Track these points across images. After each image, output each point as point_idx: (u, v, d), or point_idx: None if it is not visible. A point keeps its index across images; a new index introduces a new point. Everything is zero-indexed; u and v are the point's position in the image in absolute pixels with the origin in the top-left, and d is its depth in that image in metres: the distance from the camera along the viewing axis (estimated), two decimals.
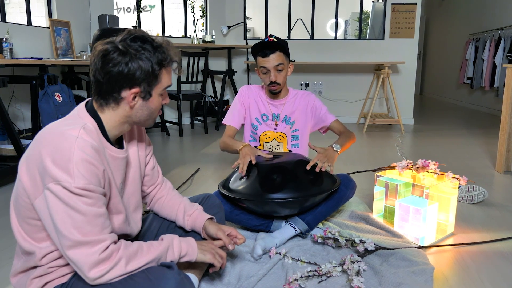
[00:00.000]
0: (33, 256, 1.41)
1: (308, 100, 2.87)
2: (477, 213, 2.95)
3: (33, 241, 1.40)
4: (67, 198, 1.26)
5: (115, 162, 1.50)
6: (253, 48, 2.67)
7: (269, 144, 2.88)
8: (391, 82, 6.35)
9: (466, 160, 4.53)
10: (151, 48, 1.42)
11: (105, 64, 1.38)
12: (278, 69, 2.66)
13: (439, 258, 2.29)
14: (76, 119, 1.43)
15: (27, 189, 1.33)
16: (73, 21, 5.56)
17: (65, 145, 1.28)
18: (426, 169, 2.60)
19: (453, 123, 7.32)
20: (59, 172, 1.26)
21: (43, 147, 1.30)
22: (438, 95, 12.14)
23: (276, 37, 2.66)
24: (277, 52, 2.63)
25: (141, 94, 1.45)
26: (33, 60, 3.80)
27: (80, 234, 1.27)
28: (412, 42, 6.96)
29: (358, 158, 4.58)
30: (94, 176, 1.31)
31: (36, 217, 1.36)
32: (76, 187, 1.26)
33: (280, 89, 2.75)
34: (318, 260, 2.22)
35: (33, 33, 4.90)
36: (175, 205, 1.87)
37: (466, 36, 10.02)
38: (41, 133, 1.37)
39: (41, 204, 1.31)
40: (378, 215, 2.74)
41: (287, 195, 2.23)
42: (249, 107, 2.90)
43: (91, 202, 1.30)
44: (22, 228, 1.41)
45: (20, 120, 4.68)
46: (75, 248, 1.28)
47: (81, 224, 1.27)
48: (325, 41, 7.26)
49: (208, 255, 1.61)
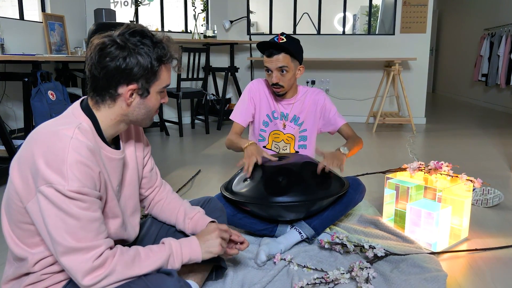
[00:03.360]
0: (25, 262, 1.41)
1: (318, 99, 2.86)
2: (492, 217, 2.94)
3: (26, 247, 1.40)
4: (60, 202, 1.25)
5: (112, 163, 1.50)
6: (259, 44, 2.65)
7: (277, 144, 2.88)
8: (402, 79, 6.34)
9: (481, 161, 4.52)
10: (151, 44, 1.42)
11: (102, 58, 1.39)
12: (281, 71, 2.64)
13: (453, 265, 2.29)
14: (70, 118, 1.43)
15: (19, 192, 1.33)
16: (67, 16, 5.57)
17: (59, 146, 1.28)
18: (439, 171, 2.60)
19: (467, 122, 7.31)
20: (52, 174, 1.25)
21: (35, 148, 1.30)
22: (451, 93, 12.12)
23: (288, 36, 2.62)
24: (282, 53, 2.60)
25: (139, 91, 1.45)
26: (26, 56, 3.81)
27: (73, 240, 1.27)
28: (424, 37, 6.95)
29: (367, 160, 4.58)
30: (89, 179, 1.31)
31: (28, 221, 1.36)
32: (69, 190, 1.25)
33: (284, 91, 2.73)
34: (325, 266, 2.22)
35: (26, 28, 4.91)
36: (175, 209, 1.86)
37: (480, 31, 10.00)
38: (33, 132, 1.37)
39: (34, 207, 1.31)
40: (388, 219, 2.74)
41: (293, 199, 2.23)
42: (260, 102, 2.85)
43: (85, 206, 1.29)
44: (14, 233, 1.41)
45: (12, 120, 4.69)
46: (68, 255, 1.28)
47: (75, 229, 1.27)
48: (333, 37, 7.26)
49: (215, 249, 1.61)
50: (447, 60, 12.78)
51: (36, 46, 5.07)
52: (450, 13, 12.61)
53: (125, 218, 1.64)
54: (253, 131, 2.95)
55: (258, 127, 2.89)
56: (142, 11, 6.65)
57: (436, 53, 13.76)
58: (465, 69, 11.07)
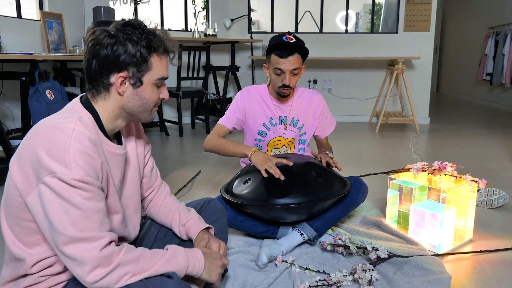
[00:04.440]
0: (22, 263, 1.41)
1: (318, 103, 2.88)
2: (497, 218, 2.94)
3: (24, 246, 1.40)
4: (63, 192, 1.26)
5: (114, 158, 1.51)
6: (271, 45, 2.62)
7: (277, 150, 2.88)
8: (406, 78, 6.35)
9: (486, 161, 4.52)
10: (140, 32, 1.45)
11: (93, 47, 1.43)
12: (294, 73, 2.63)
13: (457, 267, 2.29)
14: (71, 112, 1.46)
15: (18, 187, 1.33)
16: (65, 14, 5.57)
17: (61, 137, 1.30)
18: (443, 171, 2.60)
19: (472, 122, 7.31)
20: (55, 164, 1.26)
21: (37, 142, 1.30)
22: (456, 93, 12.12)
23: (295, 36, 2.62)
24: (296, 54, 2.59)
25: (130, 80, 1.47)
26: (23, 55, 3.81)
27: (76, 230, 1.27)
28: (428, 35, 6.95)
29: (370, 160, 4.58)
30: (92, 168, 1.32)
31: (28, 218, 1.36)
32: (73, 178, 1.26)
33: (290, 92, 2.74)
34: (327, 268, 2.22)
35: (23, 26, 4.92)
36: (169, 213, 1.86)
37: (485, 29, 9.99)
38: (33, 129, 1.38)
39: (34, 200, 1.31)
40: (392, 220, 2.74)
41: (294, 200, 2.23)
42: (254, 112, 2.83)
43: (88, 196, 1.30)
44: (13, 231, 1.41)
45: (9, 119, 4.70)
46: (71, 244, 1.27)
47: (78, 219, 1.27)
48: (335, 35, 7.26)
49: (214, 276, 1.59)
50: (451, 59, 12.78)
51: (34, 44, 5.07)
52: (455, 11, 12.61)
53: (126, 215, 1.64)
54: (246, 141, 2.95)
55: (253, 137, 2.88)
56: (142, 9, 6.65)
57: (440, 52, 13.76)
58: (469, 68, 11.07)
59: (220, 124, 2.83)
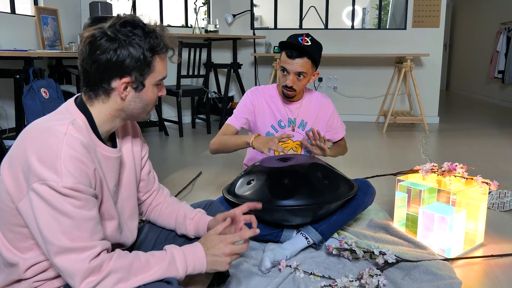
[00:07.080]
0: (16, 268, 1.41)
1: (328, 108, 2.91)
2: (509, 222, 2.94)
3: (17, 251, 1.41)
4: (53, 200, 1.26)
5: (108, 162, 1.51)
6: (285, 41, 2.61)
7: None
8: (414, 76, 6.34)
9: (497, 162, 4.52)
10: (142, 33, 1.43)
11: (93, 52, 1.40)
12: (299, 76, 2.64)
13: (467, 272, 2.29)
14: (64, 114, 1.44)
15: (10, 192, 1.34)
16: (61, 9, 5.58)
17: (52, 142, 1.29)
18: (453, 172, 2.60)
19: (483, 121, 7.30)
20: (45, 170, 1.26)
21: (28, 145, 1.30)
22: (466, 91, 12.10)
23: (313, 39, 2.61)
24: (305, 58, 2.59)
25: (133, 85, 1.45)
26: (17, 52, 3.82)
27: (67, 240, 1.27)
28: (437, 32, 6.94)
29: (377, 161, 4.58)
30: (84, 175, 1.32)
31: (20, 223, 1.37)
32: (63, 186, 1.26)
33: (294, 95, 2.74)
34: (333, 273, 2.22)
35: (17, 22, 4.92)
36: (173, 211, 1.86)
37: (497, 25, 9.97)
38: (25, 130, 1.37)
39: (26, 207, 1.31)
40: (400, 223, 2.73)
41: (299, 202, 2.23)
42: (264, 114, 2.85)
43: (79, 204, 1.29)
44: (5, 236, 1.41)
45: (3, 119, 4.70)
46: (62, 255, 1.27)
47: (69, 228, 1.27)
48: (341, 31, 7.25)
49: (220, 268, 1.54)
50: (461, 56, 12.76)
51: (28, 41, 5.07)
52: (465, 7, 12.59)
53: (122, 221, 1.64)
54: None
55: None
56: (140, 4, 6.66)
57: (450, 48, 13.74)
58: (480, 65, 11.05)
59: (228, 124, 2.85)
